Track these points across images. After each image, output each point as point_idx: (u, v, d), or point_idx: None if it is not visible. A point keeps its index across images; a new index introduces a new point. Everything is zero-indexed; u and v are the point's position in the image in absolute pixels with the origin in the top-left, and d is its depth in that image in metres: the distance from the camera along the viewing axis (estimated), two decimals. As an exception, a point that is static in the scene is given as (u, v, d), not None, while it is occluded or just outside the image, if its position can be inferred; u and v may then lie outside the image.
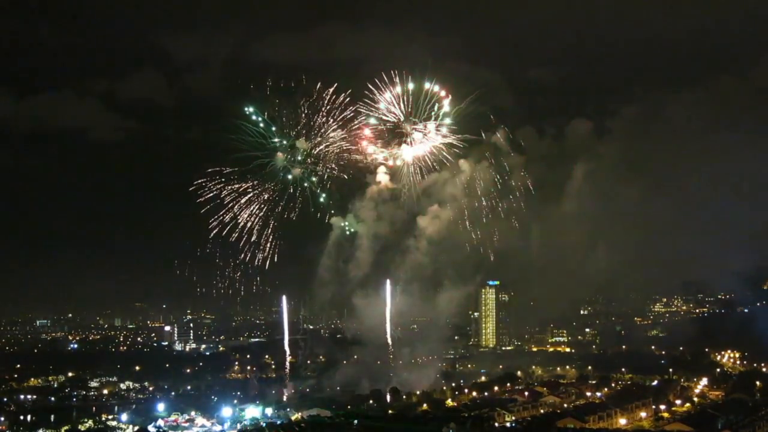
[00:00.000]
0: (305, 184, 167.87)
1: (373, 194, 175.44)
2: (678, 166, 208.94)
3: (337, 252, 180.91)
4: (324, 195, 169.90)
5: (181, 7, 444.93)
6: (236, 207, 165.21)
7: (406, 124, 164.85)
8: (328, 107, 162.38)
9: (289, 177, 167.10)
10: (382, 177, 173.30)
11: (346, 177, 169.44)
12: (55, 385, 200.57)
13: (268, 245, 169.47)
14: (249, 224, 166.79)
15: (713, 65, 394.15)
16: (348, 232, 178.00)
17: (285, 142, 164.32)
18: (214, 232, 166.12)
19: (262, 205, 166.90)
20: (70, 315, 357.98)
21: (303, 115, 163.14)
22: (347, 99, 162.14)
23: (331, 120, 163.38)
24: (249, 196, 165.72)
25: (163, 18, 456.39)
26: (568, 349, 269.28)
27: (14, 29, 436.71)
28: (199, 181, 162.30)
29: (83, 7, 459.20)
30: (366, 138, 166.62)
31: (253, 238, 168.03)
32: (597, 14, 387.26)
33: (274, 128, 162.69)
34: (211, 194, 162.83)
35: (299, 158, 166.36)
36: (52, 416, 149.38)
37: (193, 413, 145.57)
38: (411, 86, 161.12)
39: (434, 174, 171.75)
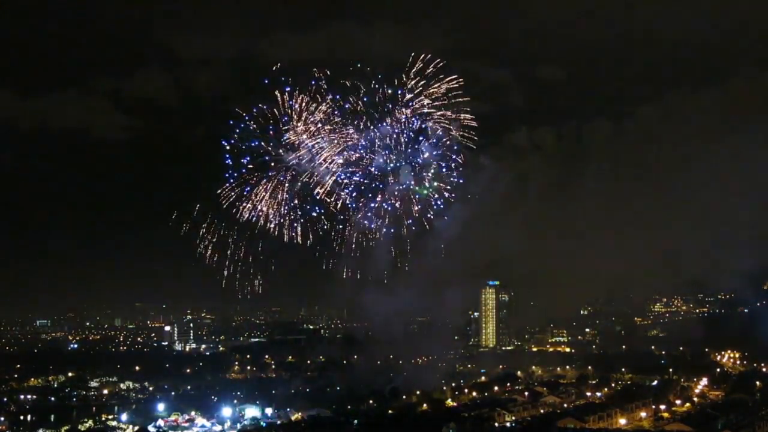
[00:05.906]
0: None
1: (391, 193, 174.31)
2: (682, 166, 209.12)
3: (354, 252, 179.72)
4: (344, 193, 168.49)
5: (188, 6, 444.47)
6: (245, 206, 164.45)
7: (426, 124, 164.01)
8: (340, 107, 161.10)
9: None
10: (406, 177, 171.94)
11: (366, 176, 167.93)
12: (55, 385, 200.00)
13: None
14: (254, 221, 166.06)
15: (723, 66, 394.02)
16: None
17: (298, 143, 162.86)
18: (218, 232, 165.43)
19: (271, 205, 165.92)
20: (70, 315, 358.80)
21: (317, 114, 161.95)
22: (358, 99, 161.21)
23: (348, 120, 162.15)
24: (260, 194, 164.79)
25: (169, 16, 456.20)
26: (568, 349, 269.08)
27: (18, 28, 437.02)
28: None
29: (88, 6, 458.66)
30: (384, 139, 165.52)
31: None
32: (608, 14, 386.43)
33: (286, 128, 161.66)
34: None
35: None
36: (52, 416, 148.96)
37: (193, 413, 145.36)
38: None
39: (451, 173, 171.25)
